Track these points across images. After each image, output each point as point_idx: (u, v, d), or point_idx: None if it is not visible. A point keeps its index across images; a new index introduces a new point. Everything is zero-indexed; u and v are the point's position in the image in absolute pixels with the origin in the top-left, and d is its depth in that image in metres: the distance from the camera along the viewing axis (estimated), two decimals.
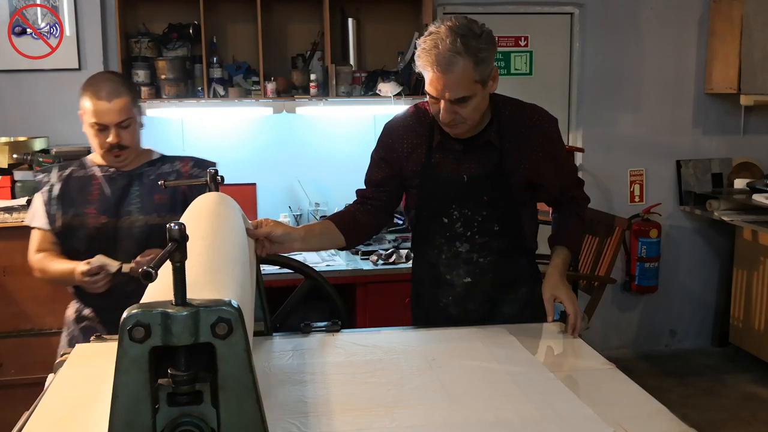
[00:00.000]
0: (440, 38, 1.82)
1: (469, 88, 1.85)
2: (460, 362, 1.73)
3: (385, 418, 1.40)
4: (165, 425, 1.06)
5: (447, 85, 1.84)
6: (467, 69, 1.82)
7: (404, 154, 2.08)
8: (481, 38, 1.84)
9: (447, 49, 1.80)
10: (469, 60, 1.81)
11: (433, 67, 1.82)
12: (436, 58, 1.81)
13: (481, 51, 1.83)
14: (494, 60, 1.91)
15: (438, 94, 1.87)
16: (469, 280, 2.09)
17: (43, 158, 3.30)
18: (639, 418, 1.43)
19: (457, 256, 2.09)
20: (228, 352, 1.05)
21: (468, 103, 1.88)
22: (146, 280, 0.99)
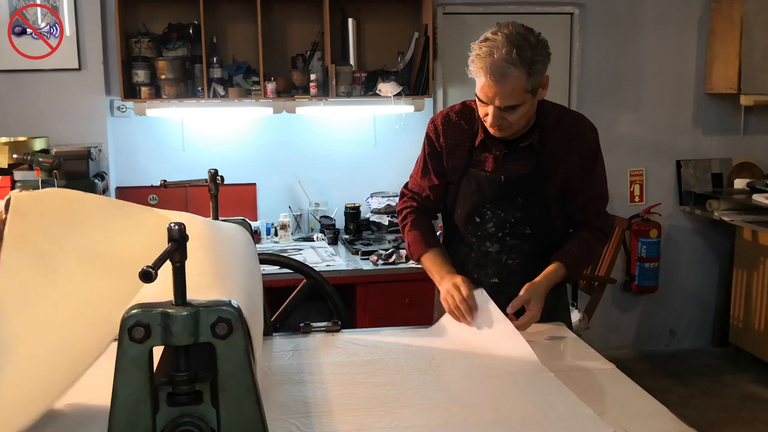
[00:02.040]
0: (496, 47, 1.83)
1: (520, 97, 1.87)
2: (460, 362, 1.74)
3: (385, 418, 1.40)
4: (165, 425, 1.07)
5: (499, 94, 1.86)
6: (520, 79, 1.84)
7: (448, 149, 2.10)
8: (537, 49, 1.86)
9: (502, 59, 1.82)
10: (523, 71, 1.84)
11: (487, 76, 1.84)
12: (491, 66, 1.83)
13: (536, 63, 1.85)
14: (546, 69, 1.92)
15: (488, 101, 1.89)
16: (497, 281, 2.10)
17: (43, 158, 3.30)
18: (639, 418, 1.43)
19: (486, 256, 2.10)
20: (228, 352, 1.05)
21: (517, 110, 1.90)
22: (146, 281, 0.99)
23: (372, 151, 4.20)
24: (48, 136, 3.74)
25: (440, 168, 2.13)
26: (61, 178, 3.31)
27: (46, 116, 3.85)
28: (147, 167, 4.03)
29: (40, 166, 3.29)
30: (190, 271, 1.07)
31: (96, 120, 3.91)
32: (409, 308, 3.40)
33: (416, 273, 3.40)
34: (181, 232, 1.04)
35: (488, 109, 1.91)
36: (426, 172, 2.16)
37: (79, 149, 3.46)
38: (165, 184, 2.00)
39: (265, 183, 4.14)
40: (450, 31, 4.31)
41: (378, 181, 4.14)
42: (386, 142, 4.20)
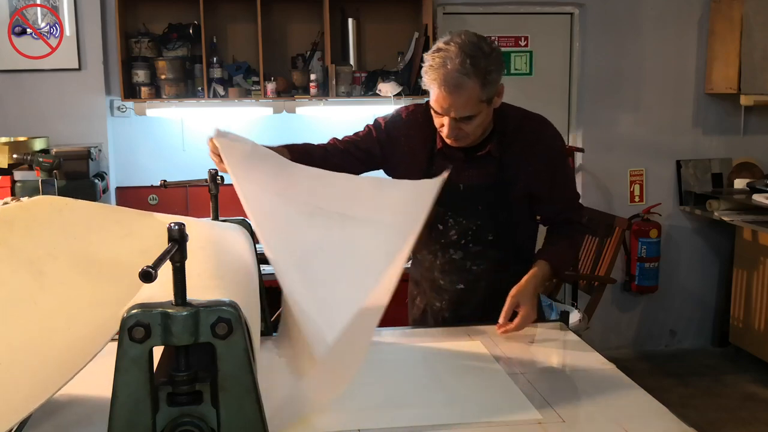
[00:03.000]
0: (449, 57, 1.79)
1: (474, 108, 1.84)
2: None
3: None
4: (165, 425, 1.07)
5: (453, 105, 1.83)
6: (475, 90, 1.81)
7: (405, 158, 2.06)
8: (491, 58, 1.83)
9: (455, 70, 1.78)
10: (477, 81, 1.80)
11: (441, 87, 1.81)
12: (444, 77, 1.79)
13: (490, 73, 1.82)
14: (501, 75, 1.90)
15: (443, 112, 1.86)
16: (463, 287, 2.09)
17: (43, 158, 3.30)
18: (639, 418, 1.43)
19: (451, 263, 2.09)
20: (228, 352, 1.05)
21: (472, 121, 1.87)
22: (146, 281, 0.99)
23: None
24: (48, 136, 3.74)
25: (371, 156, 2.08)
26: (61, 178, 3.30)
27: (46, 116, 3.85)
28: (147, 167, 4.02)
29: (40, 166, 3.29)
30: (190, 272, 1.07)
31: (96, 120, 3.91)
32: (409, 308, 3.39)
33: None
34: (181, 232, 1.04)
35: (444, 120, 1.88)
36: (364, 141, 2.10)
37: (79, 149, 3.46)
38: (165, 184, 2.00)
39: None
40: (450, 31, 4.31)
41: None
42: None
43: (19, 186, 3.39)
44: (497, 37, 4.40)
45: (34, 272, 1.22)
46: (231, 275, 1.33)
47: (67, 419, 1.28)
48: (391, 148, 2.08)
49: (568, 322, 2.06)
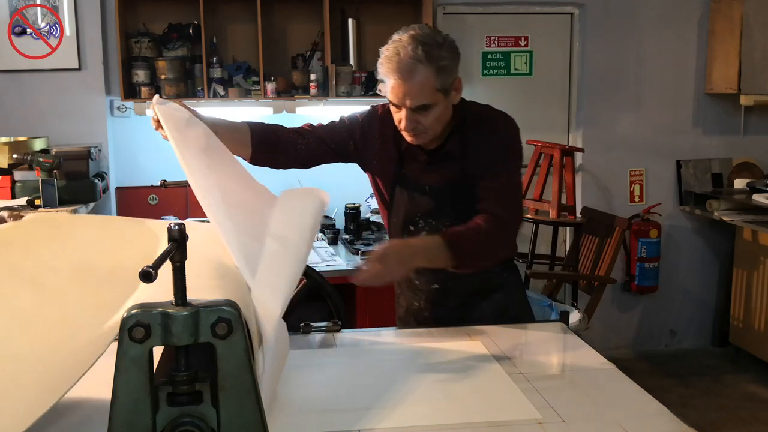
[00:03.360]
0: (402, 46, 1.81)
1: (430, 96, 1.83)
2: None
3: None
4: (165, 425, 1.07)
5: (408, 93, 1.83)
6: (429, 77, 1.81)
7: (378, 156, 2.06)
8: (443, 47, 1.83)
9: (408, 57, 1.79)
10: (431, 68, 1.80)
11: (395, 75, 1.82)
12: (398, 65, 1.80)
13: (443, 59, 1.82)
14: (457, 70, 1.89)
15: (399, 102, 1.86)
16: (437, 287, 2.09)
17: (43, 158, 3.30)
18: (639, 418, 1.43)
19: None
20: (228, 352, 1.05)
21: (429, 112, 1.86)
22: (146, 281, 0.99)
23: None
24: (48, 136, 3.74)
25: (343, 148, 2.06)
26: (61, 178, 3.30)
27: (46, 116, 3.85)
28: (147, 167, 4.02)
29: (40, 166, 3.29)
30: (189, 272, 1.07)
31: (96, 120, 3.91)
32: None
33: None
34: (181, 232, 1.05)
35: (401, 114, 1.87)
36: (335, 132, 2.07)
37: (79, 149, 3.46)
38: (165, 184, 2.01)
39: (264, 183, 4.12)
40: (450, 31, 4.26)
41: None
42: None
43: (19, 186, 3.39)
44: (497, 37, 4.40)
45: (36, 286, 1.23)
46: (231, 275, 1.33)
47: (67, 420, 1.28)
48: (365, 146, 2.07)
49: (568, 322, 2.06)
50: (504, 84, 4.46)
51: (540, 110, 4.52)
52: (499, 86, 4.46)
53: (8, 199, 3.37)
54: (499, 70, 4.44)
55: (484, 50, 4.41)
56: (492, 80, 4.45)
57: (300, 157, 2.09)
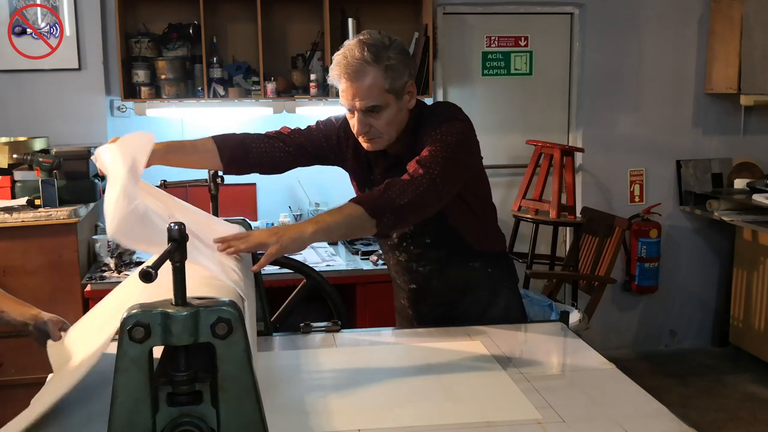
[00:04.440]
0: (349, 49, 1.83)
1: (379, 97, 1.83)
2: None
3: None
4: (165, 425, 1.07)
5: (357, 94, 1.83)
6: (377, 77, 1.82)
7: (353, 161, 2.05)
8: (391, 48, 1.84)
9: (355, 58, 1.81)
10: (379, 68, 1.81)
11: (344, 77, 1.83)
12: (346, 68, 1.82)
13: (391, 59, 1.83)
14: (408, 73, 1.88)
15: (350, 104, 1.86)
16: (415, 287, 2.11)
17: (43, 158, 3.30)
18: (639, 418, 1.43)
19: (399, 264, 2.11)
20: (228, 352, 1.05)
21: (381, 114, 1.85)
22: (146, 281, 0.99)
23: None
24: (48, 136, 3.73)
25: (319, 149, 2.05)
26: (61, 178, 3.30)
27: (46, 116, 3.85)
28: (147, 167, 4.02)
29: (40, 166, 3.29)
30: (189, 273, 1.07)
31: (96, 120, 3.91)
32: None
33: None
34: (181, 232, 1.05)
35: (354, 119, 1.87)
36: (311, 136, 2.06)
37: (79, 149, 3.45)
38: (165, 184, 2.01)
39: (265, 183, 4.14)
40: (450, 31, 4.31)
41: None
42: None
43: (19, 186, 3.39)
44: (497, 37, 4.40)
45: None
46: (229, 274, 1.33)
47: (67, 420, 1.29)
48: (341, 150, 2.07)
49: (568, 322, 2.06)
50: (504, 84, 4.46)
51: (540, 110, 4.52)
52: (499, 86, 4.46)
53: (8, 199, 3.37)
54: (499, 70, 4.44)
55: (484, 50, 4.41)
56: (492, 80, 4.45)
57: (275, 164, 2.06)
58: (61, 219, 3.17)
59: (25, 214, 3.15)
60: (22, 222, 3.12)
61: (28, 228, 3.14)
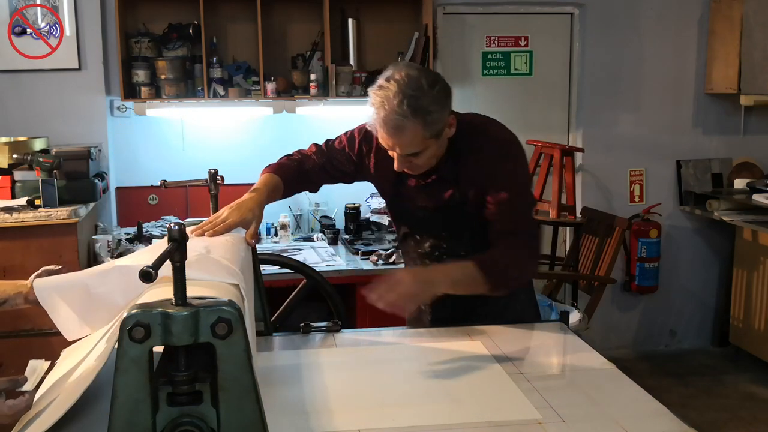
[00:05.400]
0: (388, 97, 1.73)
1: (420, 145, 1.79)
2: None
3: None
4: (165, 425, 1.07)
5: (397, 145, 1.79)
6: (416, 131, 1.75)
7: (376, 173, 2.04)
8: (431, 96, 1.74)
9: (394, 112, 1.72)
10: (418, 122, 1.73)
11: (382, 128, 1.77)
12: (384, 119, 1.74)
13: (431, 113, 1.74)
14: (448, 110, 1.81)
15: (389, 149, 1.83)
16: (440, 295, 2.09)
17: (43, 158, 3.30)
18: (639, 418, 1.43)
19: None
20: (228, 352, 1.05)
21: (421, 155, 1.82)
22: (146, 281, 0.99)
23: None
24: (48, 136, 3.73)
25: (352, 168, 2.07)
26: (61, 178, 3.30)
27: (46, 116, 3.85)
28: (147, 167, 4.02)
29: (40, 166, 3.28)
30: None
31: (96, 120, 3.91)
32: None
33: None
34: (181, 232, 1.05)
35: (393, 154, 1.84)
36: (336, 156, 2.07)
37: (79, 149, 3.45)
38: (165, 184, 2.01)
39: None
40: (450, 31, 4.31)
41: None
42: None
43: (19, 186, 3.38)
44: (497, 37, 4.40)
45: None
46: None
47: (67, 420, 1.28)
48: (364, 163, 2.06)
49: (568, 322, 2.06)
50: (504, 84, 4.46)
51: (540, 110, 4.52)
52: (499, 86, 4.46)
53: (8, 199, 3.37)
54: (499, 70, 4.44)
55: (484, 50, 4.41)
56: (492, 80, 4.45)
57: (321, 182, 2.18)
58: (61, 219, 3.17)
59: (25, 214, 3.14)
60: (22, 222, 3.12)
61: (28, 228, 3.14)
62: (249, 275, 1.65)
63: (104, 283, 1.42)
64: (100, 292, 1.42)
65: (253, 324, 1.54)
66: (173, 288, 1.04)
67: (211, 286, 1.20)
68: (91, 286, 1.43)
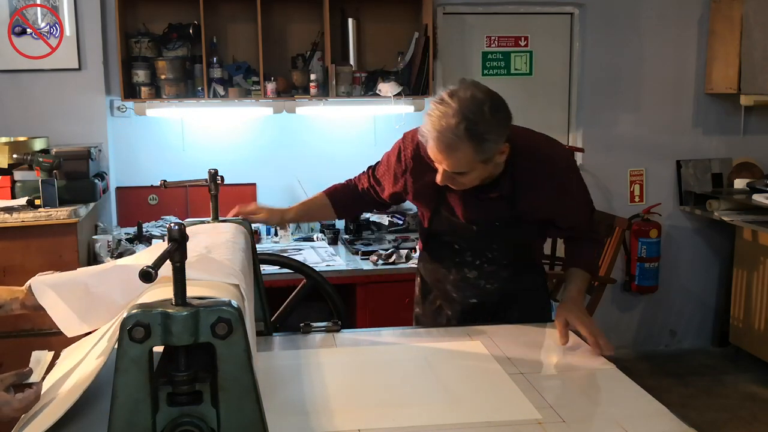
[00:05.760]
0: (448, 114, 1.72)
1: (467, 166, 1.78)
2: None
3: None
4: (165, 425, 1.07)
5: (445, 162, 1.78)
6: (467, 153, 1.74)
7: (415, 187, 2.04)
8: (491, 123, 1.73)
9: (450, 130, 1.71)
10: (471, 145, 1.72)
11: (434, 142, 1.75)
12: (438, 134, 1.73)
13: (487, 141, 1.74)
14: (504, 138, 1.80)
15: (436, 162, 1.82)
16: (475, 302, 2.11)
17: (43, 158, 3.30)
18: (639, 418, 1.43)
19: (465, 281, 2.10)
20: (228, 352, 1.05)
21: (467, 175, 1.82)
22: (146, 281, 0.99)
23: (372, 151, 4.15)
24: (48, 136, 3.73)
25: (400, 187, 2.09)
26: (61, 178, 3.30)
27: (46, 116, 3.85)
28: (147, 167, 4.02)
29: (40, 166, 3.28)
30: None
31: (96, 120, 3.91)
32: (409, 308, 3.36)
33: (416, 273, 3.40)
34: (181, 232, 1.04)
35: (438, 167, 1.83)
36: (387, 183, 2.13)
37: (79, 149, 3.45)
38: (165, 184, 2.01)
39: (265, 183, 4.14)
40: (450, 31, 4.31)
41: None
42: (386, 142, 4.15)
43: (19, 186, 3.38)
44: (497, 37, 4.40)
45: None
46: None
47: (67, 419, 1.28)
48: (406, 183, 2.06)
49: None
50: (504, 84, 4.46)
51: (540, 110, 4.52)
52: (499, 86, 4.37)
53: (8, 199, 3.37)
54: (499, 70, 4.44)
55: (484, 50, 4.41)
56: (492, 80, 4.44)
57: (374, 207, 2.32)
58: (61, 219, 3.17)
59: (25, 214, 3.14)
60: (22, 222, 3.12)
61: (28, 228, 3.14)
62: (249, 275, 1.65)
63: (104, 282, 1.42)
64: (99, 291, 1.42)
65: (253, 324, 1.54)
66: (173, 288, 1.04)
67: (211, 286, 1.20)
68: (91, 285, 1.43)
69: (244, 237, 1.80)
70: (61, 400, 1.23)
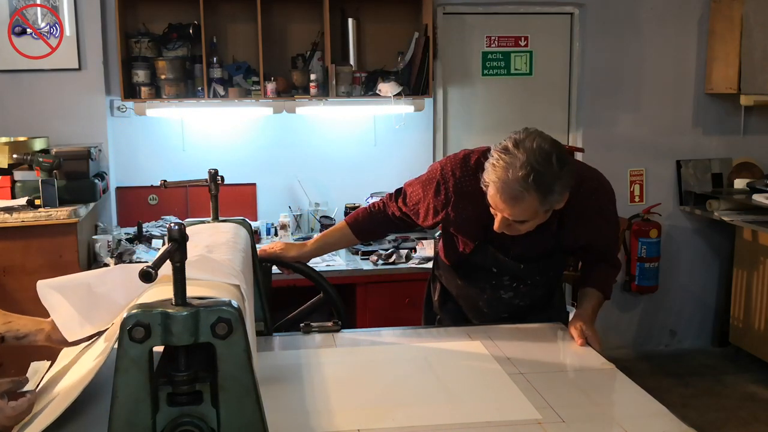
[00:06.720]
0: (514, 165, 1.68)
1: (531, 215, 1.77)
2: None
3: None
4: (165, 425, 1.07)
5: (507, 212, 1.76)
6: (533, 204, 1.72)
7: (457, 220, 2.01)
8: (559, 175, 1.71)
9: (517, 181, 1.68)
10: (537, 196, 1.70)
11: (498, 193, 1.72)
12: (503, 185, 1.69)
13: (553, 192, 1.72)
14: (569, 189, 1.78)
15: (497, 210, 1.79)
16: (507, 316, 2.14)
17: (43, 158, 3.30)
18: (639, 418, 1.43)
19: (499, 300, 2.12)
20: (228, 352, 1.05)
21: (527, 223, 1.80)
22: (146, 281, 0.99)
23: (372, 151, 4.19)
24: (48, 136, 3.73)
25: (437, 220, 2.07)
26: (61, 178, 3.30)
27: (46, 116, 3.85)
28: (147, 167, 4.02)
29: (40, 166, 3.28)
30: None
31: (96, 120, 3.91)
32: (409, 308, 3.39)
33: (416, 273, 3.40)
34: (181, 233, 1.04)
35: (497, 214, 1.80)
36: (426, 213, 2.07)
37: (79, 149, 3.45)
38: (165, 184, 2.01)
39: (265, 183, 4.14)
40: (450, 31, 4.31)
41: (378, 181, 4.14)
42: (386, 142, 4.20)
43: (19, 186, 3.38)
44: (497, 37, 4.40)
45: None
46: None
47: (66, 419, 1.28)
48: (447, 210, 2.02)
49: (568, 322, 2.06)
50: (504, 84, 4.46)
51: (540, 110, 4.52)
52: (499, 86, 4.46)
53: (8, 199, 3.37)
54: (499, 70, 4.44)
55: (484, 50, 4.41)
56: (492, 80, 4.45)
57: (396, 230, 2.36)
58: (61, 219, 3.17)
59: (25, 214, 3.14)
60: (22, 222, 3.12)
61: (28, 228, 3.14)
62: (249, 275, 1.65)
63: (105, 282, 1.43)
64: (101, 291, 1.42)
65: (253, 324, 1.54)
66: (173, 288, 1.04)
67: (211, 286, 1.20)
68: (93, 285, 1.43)
69: (244, 237, 1.80)
70: (58, 402, 1.24)
